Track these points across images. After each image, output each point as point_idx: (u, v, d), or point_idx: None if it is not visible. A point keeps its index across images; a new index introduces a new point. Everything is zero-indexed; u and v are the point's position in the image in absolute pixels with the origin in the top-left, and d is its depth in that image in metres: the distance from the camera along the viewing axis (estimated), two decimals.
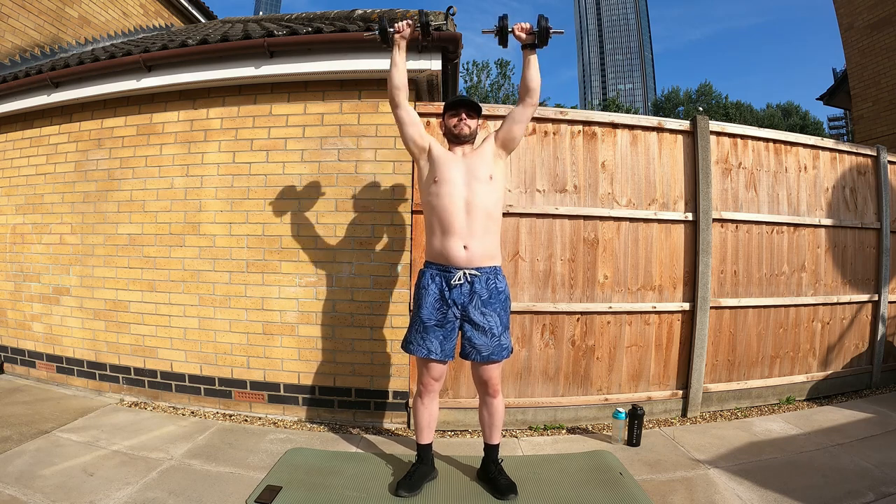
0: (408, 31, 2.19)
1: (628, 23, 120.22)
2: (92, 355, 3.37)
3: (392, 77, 2.17)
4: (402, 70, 2.19)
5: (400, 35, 2.19)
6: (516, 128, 2.19)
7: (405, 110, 2.20)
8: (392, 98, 2.20)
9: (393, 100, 2.20)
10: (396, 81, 2.17)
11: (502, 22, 2.14)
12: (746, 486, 2.23)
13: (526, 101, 2.16)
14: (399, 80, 2.17)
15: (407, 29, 2.19)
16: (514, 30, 2.13)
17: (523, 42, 2.14)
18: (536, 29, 2.08)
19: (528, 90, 2.15)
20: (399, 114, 2.21)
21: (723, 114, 37.79)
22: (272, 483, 2.18)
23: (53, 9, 4.98)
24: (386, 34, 2.19)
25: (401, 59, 2.19)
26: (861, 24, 6.52)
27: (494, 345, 2.08)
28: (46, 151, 3.53)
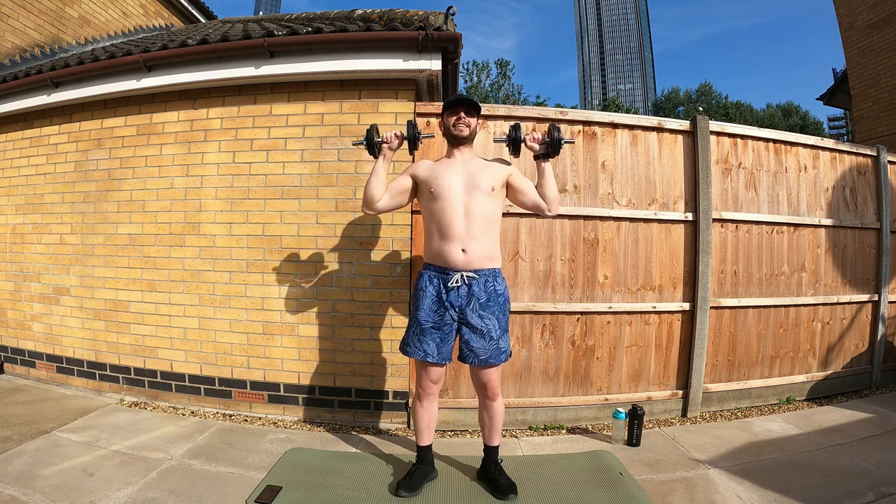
0: (396, 142, 2.18)
1: (628, 23, 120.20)
2: (92, 355, 3.37)
3: (370, 188, 2.15)
4: (384, 180, 2.18)
5: (388, 146, 2.17)
6: (522, 201, 2.21)
7: (381, 206, 2.20)
8: (367, 205, 2.19)
9: (369, 206, 2.19)
10: (375, 193, 2.15)
11: (514, 133, 2.15)
12: (746, 486, 2.23)
13: (543, 207, 2.16)
14: (378, 192, 2.16)
15: (395, 141, 2.17)
16: (526, 141, 2.14)
17: (536, 152, 2.14)
18: (548, 140, 2.09)
19: (546, 199, 2.15)
20: (377, 211, 2.22)
21: (723, 114, 37.77)
22: (272, 483, 2.18)
23: (53, 9, 4.98)
24: (373, 145, 2.17)
25: (384, 169, 2.18)
26: (861, 24, 6.52)
27: (493, 348, 2.07)
28: (46, 151, 3.53)
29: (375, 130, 2.20)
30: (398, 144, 2.19)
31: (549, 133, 2.09)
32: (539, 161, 2.14)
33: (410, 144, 2.20)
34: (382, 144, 2.16)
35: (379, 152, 2.18)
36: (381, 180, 2.16)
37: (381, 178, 2.16)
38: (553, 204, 2.16)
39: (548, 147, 2.10)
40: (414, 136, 2.17)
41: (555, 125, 2.11)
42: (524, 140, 2.14)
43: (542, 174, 2.14)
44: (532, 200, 2.18)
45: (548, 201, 2.15)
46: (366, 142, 2.18)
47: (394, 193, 2.22)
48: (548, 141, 2.09)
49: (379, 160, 2.17)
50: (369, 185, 2.16)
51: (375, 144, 2.17)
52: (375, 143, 2.17)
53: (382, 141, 2.17)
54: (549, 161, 2.14)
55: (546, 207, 2.16)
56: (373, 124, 2.23)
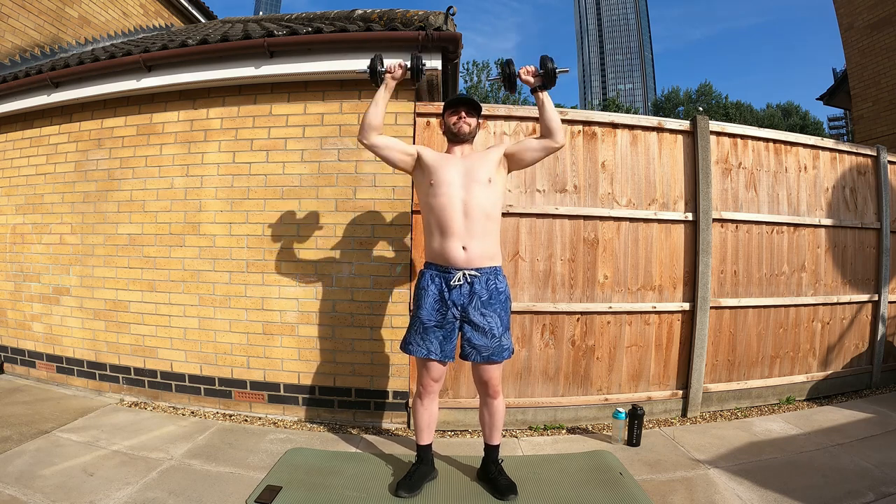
0: (399, 72, 2.17)
1: (628, 23, 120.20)
2: (92, 355, 3.37)
3: (369, 115, 2.12)
4: (383, 110, 2.16)
5: (391, 76, 2.16)
6: (530, 155, 2.18)
7: (374, 140, 2.15)
8: (363, 134, 2.15)
9: (364, 135, 2.15)
10: (373, 120, 2.12)
11: (508, 69, 2.14)
12: (746, 486, 2.23)
13: (549, 140, 2.12)
14: (376, 120, 2.12)
15: (399, 70, 2.16)
16: (521, 74, 2.12)
17: (531, 85, 2.12)
18: (542, 71, 2.07)
19: (550, 130, 2.11)
20: (369, 145, 2.16)
21: (723, 114, 37.76)
22: (272, 483, 2.18)
23: (53, 9, 4.97)
24: (376, 73, 2.16)
25: (385, 99, 2.16)
26: (861, 24, 6.52)
27: (495, 345, 2.08)
28: (46, 151, 3.53)
29: (379, 59, 2.18)
30: (401, 74, 2.18)
31: (543, 64, 2.08)
32: (537, 93, 2.12)
33: (414, 75, 2.20)
34: (385, 74, 2.15)
35: (381, 82, 2.17)
36: (381, 109, 2.15)
37: (380, 107, 2.14)
38: (558, 134, 2.10)
39: (543, 78, 2.08)
40: (418, 66, 2.17)
41: (547, 56, 2.09)
42: (518, 74, 2.13)
43: (543, 106, 2.11)
44: (538, 145, 2.14)
45: (553, 132, 2.10)
46: (368, 70, 2.17)
47: (395, 143, 2.20)
48: (542, 73, 2.08)
49: (380, 89, 2.16)
50: (368, 113, 2.12)
51: (378, 73, 2.15)
52: (378, 72, 2.15)
53: (386, 70, 2.15)
54: (546, 92, 2.12)
55: (553, 140, 2.12)
56: (377, 53, 2.20)
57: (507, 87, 2.18)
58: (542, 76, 2.08)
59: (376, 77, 2.17)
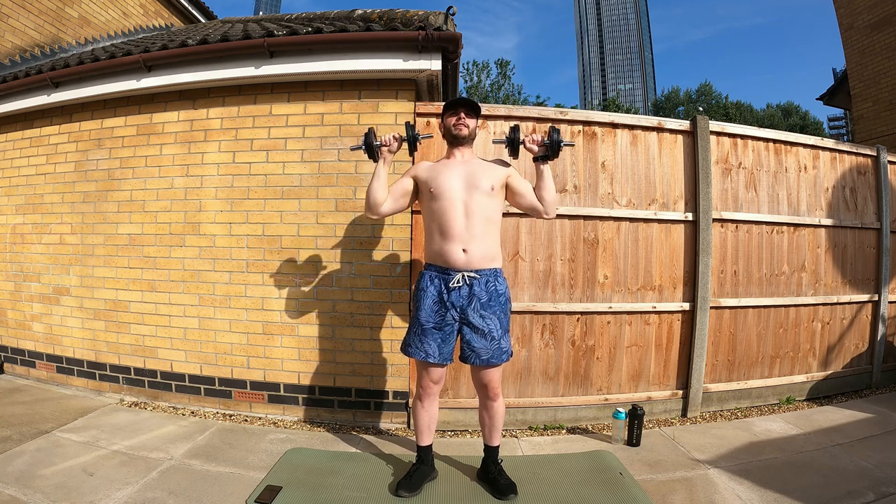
0: (395, 145, 2.16)
1: (628, 23, 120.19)
2: (92, 355, 3.37)
3: (373, 192, 2.12)
4: (385, 183, 2.15)
5: (387, 149, 2.15)
6: (520, 202, 2.18)
7: (384, 210, 2.18)
8: (371, 210, 2.16)
9: (372, 211, 2.16)
10: (378, 197, 2.13)
11: (513, 134, 2.13)
12: (746, 486, 2.23)
13: (540, 210, 2.14)
14: (381, 196, 2.13)
15: (394, 143, 2.15)
16: (525, 142, 2.12)
17: (535, 154, 2.12)
18: (548, 142, 2.07)
19: (543, 201, 2.12)
20: (381, 215, 2.18)
21: (723, 114, 37.76)
22: (272, 483, 2.18)
23: (53, 9, 4.97)
24: (372, 148, 2.15)
25: (385, 172, 2.16)
26: (861, 24, 6.52)
27: (494, 348, 2.07)
28: (46, 151, 3.53)
29: (373, 134, 2.16)
30: (397, 147, 2.18)
31: (549, 135, 2.07)
32: (538, 163, 2.13)
33: (410, 146, 2.18)
34: (382, 148, 2.14)
35: (378, 156, 2.16)
36: (383, 184, 2.15)
37: (382, 181, 2.14)
38: (550, 208, 2.13)
39: (547, 149, 2.08)
40: (413, 137, 2.15)
41: (554, 127, 2.09)
42: (523, 142, 2.13)
43: (541, 176, 2.12)
44: (529, 203, 2.16)
45: (545, 205, 2.13)
46: (364, 146, 2.16)
47: (396, 196, 2.20)
48: (547, 143, 2.07)
49: (379, 164, 2.15)
50: (371, 190, 2.13)
51: (374, 148, 2.15)
52: (374, 146, 2.14)
53: (381, 144, 2.14)
54: (547, 164, 2.12)
55: (543, 210, 2.14)
56: (370, 128, 2.19)
57: (510, 153, 2.19)
58: (547, 146, 2.08)
59: (373, 153, 2.16)
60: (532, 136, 2.12)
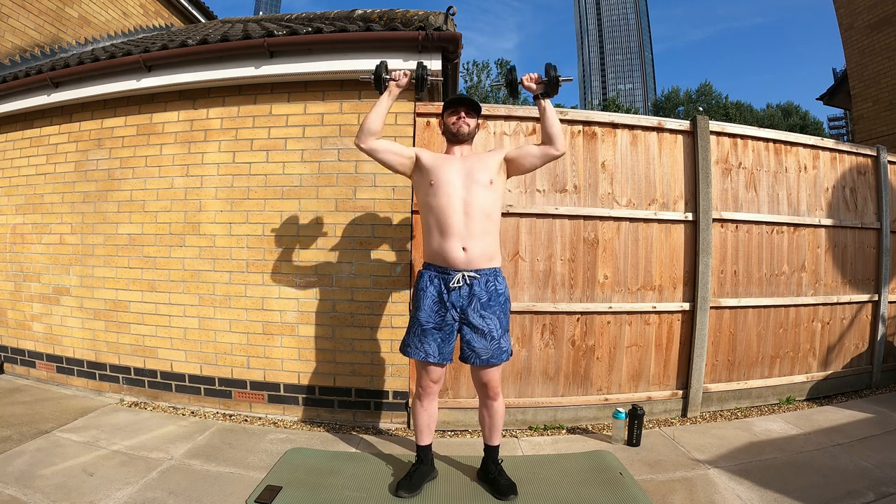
0: (404, 80, 2.16)
1: (628, 23, 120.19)
2: (92, 355, 3.37)
3: (370, 119, 2.10)
4: (384, 115, 2.14)
5: (396, 83, 2.16)
6: (530, 161, 2.16)
7: (371, 144, 2.14)
8: (361, 138, 2.12)
9: (362, 138, 2.12)
10: (373, 126, 2.10)
11: (510, 75, 2.13)
12: (746, 486, 2.23)
13: (549, 148, 2.10)
14: (376, 126, 2.11)
15: (404, 79, 2.16)
16: (524, 81, 2.12)
17: (534, 91, 2.11)
18: (546, 79, 2.07)
19: (550, 136, 2.09)
20: (366, 148, 2.14)
21: (723, 114, 37.76)
22: (272, 483, 2.18)
23: (53, 9, 4.97)
24: (380, 80, 2.16)
25: (387, 105, 2.15)
26: (861, 24, 6.52)
27: (494, 348, 2.07)
28: (46, 151, 3.53)
29: (385, 67, 2.19)
30: (406, 82, 2.18)
31: (546, 72, 2.08)
32: (538, 100, 2.11)
33: (418, 84, 2.20)
34: (390, 81, 2.16)
35: (385, 89, 2.17)
36: (382, 115, 2.14)
37: (382, 112, 2.14)
38: (559, 140, 2.08)
39: (545, 86, 2.08)
40: (422, 75, 2.17)
41: (551, 63, 2.09)
42: (521, 81, 2.12)
43: (544, 112, 2.09)
44: (538, 152, 2.13)
45: (553, 138, 2.08)
46: (373, 76, 2.17)
47: (393, 147, 2.19)
48: (545, 80, 2.08)
49: (384, 95, 2.16)
50: (369, 116, 2.11)
51: (383, 80, 2.16)
52: (383, 78, 2.16)
53: (390, 77, 2.16)
54: (548, 99, 2.11)
55: (553, 147, 2.09)
56: (382, 61, 2.21)
57: (510, 93, 2.18)
58: (545, 83, 2.07)
59: (380, 84, 2.17)
60: (529, 75, 2.12)
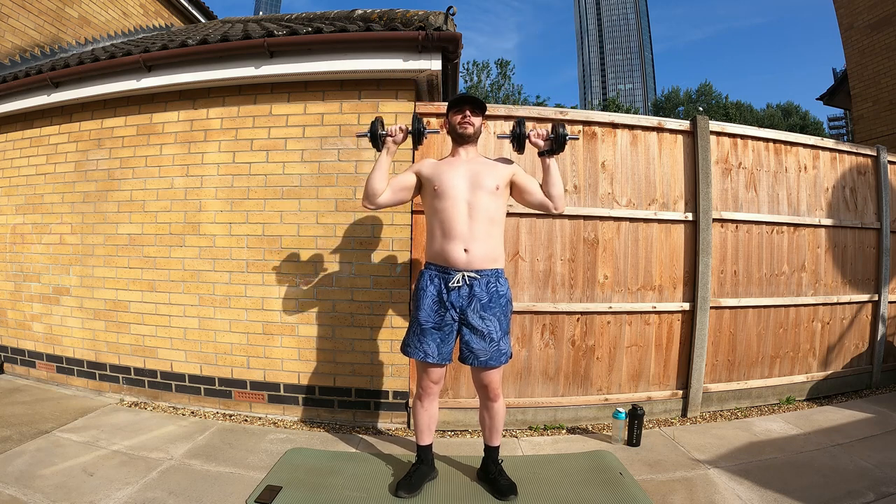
0: (400, 136, 2.15)
1: (628, 23, 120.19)
2: (92, 355, 3.37)
3: (373, 182, 2.11)
4: (386, 174, 2.14)
5: (392, 140, 2.15)
6: (528, 199, 2.18)
7: (382, 201, 2.15)
8: (368, 199, 2.14)
9: (369, 200, 2.14)
10: (378, 187, 2.11)
11: (519, 129, 2.12)
12: (746, 486, 2.23)
13: (549, 204, 2.13)
14: (381, 186, 2.12)
15: (399, 134, 2.15)
16: (531, 137, 2.11)
17: (540, 149, 2.11)
18: (553, 136, 2.07)
19: (551, 196, 2.12)
20: (378, 206, 2.16)
21: (723, 114, 37.76)
22: (272, 483, 2.18)
23: (53, 9, 4.97)
24: (377, 137, 2.15)
25: (387, 162, 2.15)
26: (861, 24, 6.52)
27: (493, 350, 2.06)
28: (46, 151, 3.53)
29: (380, 123, 2.17)
30: (402, 138, 2.17)
31: (554, 129, 2.07)
32: (543, 158, 2.11)
33: (415, 139, 2.18)
34: (387, 138, 2.14)
35: (383, 145, 2.16)
36: (384, 174, 2.14)
37: (383, 171, 2.13)
38: (559, 201, 2.13)
39: (552, 143, 2.07)
40: (419, 129, 2.16)
41: (559, 122, 2.10)
42: (528, 136, 2.11)
43: (548, 171, 2.11)
44: (538, 199, 2.15)
45: (553, 199, 2.12)
46: (369, 134, 2.16)
47: (396, 189, 2.19)
48: (552, 137, 2.07)
49: (382, 153, 2.15)
50: (371, 179, 2.12)
51: (379, 137, 2.15)
52: (379, 135, 2.14)
53: (387, 134, 2.14)
54: (553, 158, 2.11)
55: (552, 206, 2.13)
56: (377, 117, 2.20)
57: (515, 147, 2.18)
58: (552, 140, 2.07)
59: (377, 141, 2.16)
60: (537, 131, 2.11)
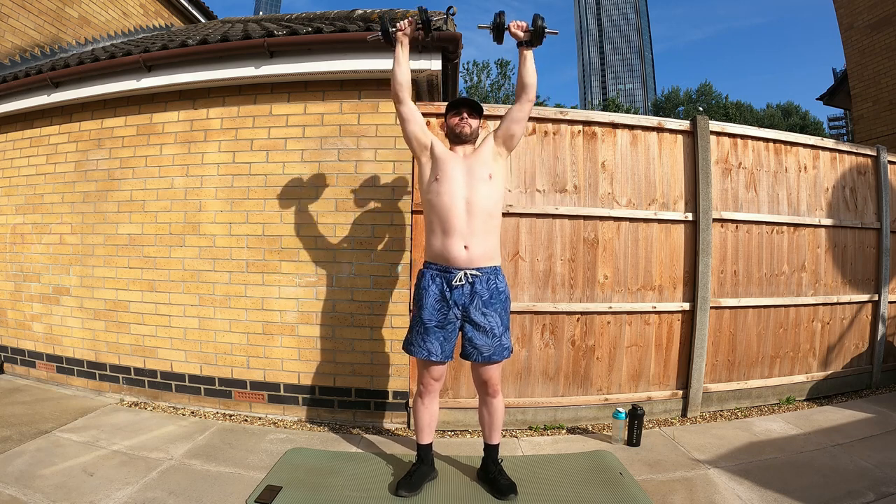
0: (409, 28, 2.22)
1: (628, 23, 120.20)
2: (92, 355, 3.37)
3: (396, 74, 2.20)
4: (406, 67, 2.22)
5: (402, 32, 2.22)
6: (515, 126, 2.21)
7: (408, 107, 2.22)
8: (395, 94, 2.22)
9: (396, 96, 2.22)
10: (400, 78, 2.19)
11: (499, 19, 2.15)
12: (746, 486, 2.23)
13: (522, 98, 2.18)
14: (403, 77, 2.20)
15: (409, 27, 2.22)
16: (510, 27, 2.14)
17: (519, 39, 2.14)
18: (532, 28, 2.10)
19: (524, 86, 2.16)
20: (402, 110, 2.23)
21: (723, 114, 37.76)
22: (272, 483, 2.18)
23: (53, 9, 4.98)
24: (388, 33, 2.22)
25: (404, 56, 2.22)
26: (861, 24, 6.53)
27: (496, 345, 2.08)
28: (46, 151, 3.53)
29: (389, 20, 2.24)
30: (412, 30, 2.24)
31: (534, 21, 2.11)
32: (522, 48, 2.15)
33: (425, 28, 2.23)
34: (397, 32, 2.21)
35: (395, 41, 2.23)
36: (404, 67, 2.21)
37: (403, 65, 2.20)
38: (531, 90, 2.16)
39: (531, 35, 2.11)
40: (426, 19, 2.21)
41: (539, 15, 2.12)
42: (508, 26, 2.15)
43: (525, 61, 2.15)
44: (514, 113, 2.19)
45: (526, 88, 2.15)
46: (381, 32, 2.23)
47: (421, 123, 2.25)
48: (532, 29, 2.11)
49: (397, 48, 2.23)
50: (395, 74, 2.19)
51: (391, 33, 2.22)
52: (391, 31, 2.22)
53: (397, 29, 2.21)
54: (531, 49, 2.15)
55: (526, 96, 2.17)
56: (384, 13, 2.25)
57: (495, 38, 2.20)
58: (531, 32, 2.11)
59: (389, 37, 2.24)
60: (516, 22, 2.15)
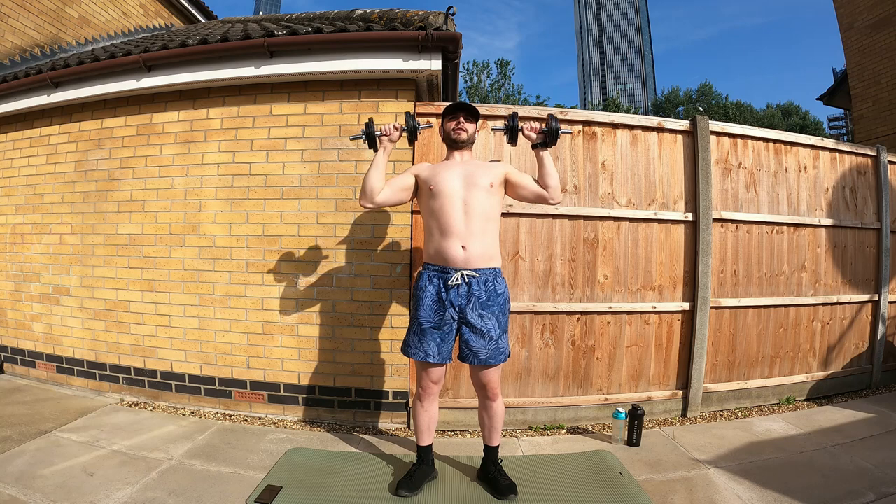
0: (395, 134, 2.17)
1: (628, 23, 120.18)
2: (92, 355, 3.37)
3: (370, 180, 2.12)
4: (383, 172, 2.16)
5: (388, 138, 2.17)
6: (524, 193, 2.20)
7: (384, 196, 2.16)
8: (369, 198, 2.14)
9: (371, 199, 2.14)
10: (375, 185, 2.12)
11: (512, 122, 2.15)
12: (746, 486, 2.23)
13: (544, 195, 2.15)
14: (378, 184, 2.13)
15: (395, 132, 2.17)
16: (524, 129, 2.13)
17: (533, 141, 2.13)
18: (546, 129, 2.09)
19: (545, 186, 2.14)
20: (377, 204, 2.17)
21: (723, 114, 37.74)
22: (272, 483, 2.18)
23: (53, 9, 4.98)
24: (373, 138, 2.17)
25: (384, 161, 2.16)
26: (861, 24, 6.53)
27: (492, 348, 2.07)
28: (46, 151, 3.53)
29: (374, 123, 2.20)
30: (398, 136, 2.19)
31: (547, 122, 2.09)
32: (537, 150, 2.13)
33: (410, 135, 2.20)
34: (382, 137, 2.16)
35: (379, 145, 2.18)
36: (381, 173, 2.15)
37: (380, 170, 2.15)
38: (555, 192, 2.14)
39: (545, 136, 2.10)
40: (413, 126, 2.17)
41: (552, 115, 2.11)
42: (522, 129, 2.14)
43: (542, 163, 2.13)
44: (533, 192, 2.17)
45: (549, 189, 2.14)
46: (365, 135, 2.17)
47: (395, 189, 2.21)
48: (545, 130, 2.09)
49: (379, 153, 2.17)
50: (369, 177, 2.13)
51: (375, 137, 2.17)
52: (375, 135, 2.17)
53: (382, 133, 2.16)
54: (547, 150, 2.13)
55: (548, 196, 2.15)
56: (370, 118, 2.22)
57: (509, 140, 2.20)
58: (546, 133, 2.09)
59: (373, 142, 2.18)
60: (530, 124, 2.14)
